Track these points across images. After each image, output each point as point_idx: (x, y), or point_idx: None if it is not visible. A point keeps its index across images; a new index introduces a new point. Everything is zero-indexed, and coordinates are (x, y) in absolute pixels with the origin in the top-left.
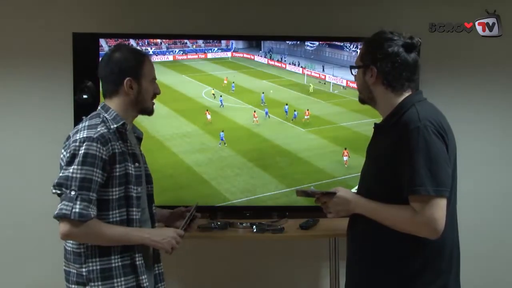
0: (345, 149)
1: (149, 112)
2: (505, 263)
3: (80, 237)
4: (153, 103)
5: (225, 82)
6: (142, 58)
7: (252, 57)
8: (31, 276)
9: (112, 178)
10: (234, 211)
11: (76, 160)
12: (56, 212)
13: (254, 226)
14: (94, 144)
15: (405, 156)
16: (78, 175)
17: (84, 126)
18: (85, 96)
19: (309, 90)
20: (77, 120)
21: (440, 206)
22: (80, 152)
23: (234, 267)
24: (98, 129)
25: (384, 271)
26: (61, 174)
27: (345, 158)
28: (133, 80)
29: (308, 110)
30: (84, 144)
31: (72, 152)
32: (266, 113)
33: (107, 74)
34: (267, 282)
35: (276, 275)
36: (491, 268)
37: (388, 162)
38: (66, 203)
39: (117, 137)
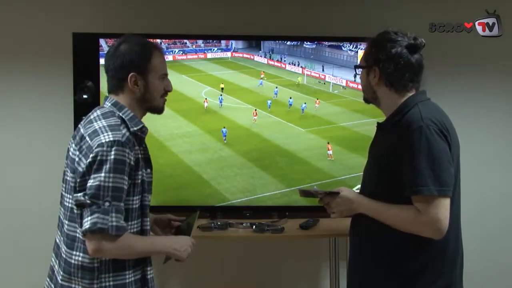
0: (328, 143)
1: (159, 110)
2: (506, 263)
3: (111, 252)
4: (164, 101)
5: (262, 75)
6: (150, 52)
7: (252, 57)
8: (31, 277)
9: (133, 186)
10: (234, 211)
11: (106, 167)
12: (87, 226)
13: (254, 226)
14: (124, 149)
15: (407, 156)
16: (110, 184)
17: (104, 126)
18: (85, 96)
19: (307, 88)
20: (77, 120)
21: (443, 206)
22: (109, 158)
23: (234, 267)
24: (124, 132)
25: (385, 271)
26: (92, 183)
27: (329, 152)
28: (138, 75)
29: (318, 99)
30: (113, 150)
31: (99, 157)
32: (269, 105)
33: (111, 68)
34: (267, 282)
35: (276, 275)
36: (492, 268)
37: (390, 162)
38: (102, 216)
39: (135, 141)
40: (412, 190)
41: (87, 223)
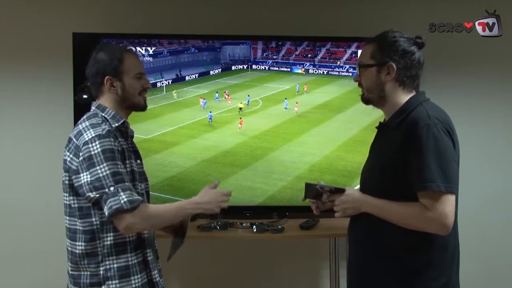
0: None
1: (140, 107)
2: (505, 263)
3: (141, 224)
4: (144, 98)
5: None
6: (120, 55)
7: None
8: (32, 277)
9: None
10: (234, 211)
11: (97, 160)
12: (107, 213)
13: (254, 226)
14: (107, 139)
15: (415, 153)
16: (108, 172)
17: (87, 126)
18: (85, 96)
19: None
20: (77, 120)
21: (450, 202)
22: (96, 151)
23: (234, 267)
24: (104, 127)
25: (387, 267)
26: (91, 179)
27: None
28: (113, 78)
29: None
30: (97, 143)
31: (87, 154)
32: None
33: (90, 76)
34: (267, 282)
35: (276, 275)
36: (491, 268)
37: (394, 160)
38: (112, 199)
39: (118, 135)
40: (420, 186)
41: (106, 211)
